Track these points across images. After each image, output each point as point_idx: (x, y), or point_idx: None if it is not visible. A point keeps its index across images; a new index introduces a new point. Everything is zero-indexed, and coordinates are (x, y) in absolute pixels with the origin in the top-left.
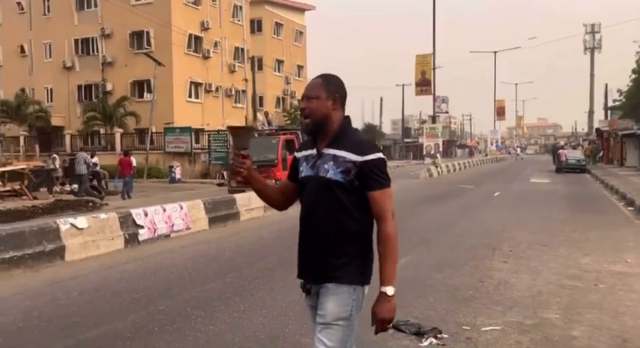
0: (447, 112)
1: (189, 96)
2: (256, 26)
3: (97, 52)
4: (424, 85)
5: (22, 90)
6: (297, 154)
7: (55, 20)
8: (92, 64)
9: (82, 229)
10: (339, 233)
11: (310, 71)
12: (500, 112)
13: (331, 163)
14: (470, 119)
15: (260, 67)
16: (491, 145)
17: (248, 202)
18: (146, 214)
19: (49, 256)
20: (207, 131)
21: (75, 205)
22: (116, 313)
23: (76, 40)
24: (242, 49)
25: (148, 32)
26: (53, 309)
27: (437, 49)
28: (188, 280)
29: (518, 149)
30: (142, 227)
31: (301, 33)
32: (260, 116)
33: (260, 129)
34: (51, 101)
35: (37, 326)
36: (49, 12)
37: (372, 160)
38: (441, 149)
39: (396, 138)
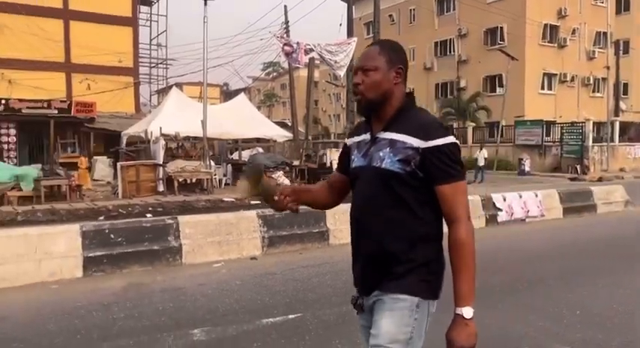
0: None
1: (542, 88)
2: (623, 5)
3: (453, 51)
4: None
5: None
6: (348, 141)
7: (419, 27)
8: (448, 63)
9: None
10: (397, 237)
11: None
12: None
13: (387, 149)
14: None
15: (626, 51)
16: None
17: (606, 195)
18: (504, 199)
19: None
20: (560, 123)
21: None
22: (489, 271)
23: (436, 43)
24: (604, 33)
25: (501, 28)
26: None
27: None
28: (539, 256)
29: None
30: (501, 210)
31: None
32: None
33: None
34: None
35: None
36: (414, 20)
37: (440, 145)
38: None
39: None
